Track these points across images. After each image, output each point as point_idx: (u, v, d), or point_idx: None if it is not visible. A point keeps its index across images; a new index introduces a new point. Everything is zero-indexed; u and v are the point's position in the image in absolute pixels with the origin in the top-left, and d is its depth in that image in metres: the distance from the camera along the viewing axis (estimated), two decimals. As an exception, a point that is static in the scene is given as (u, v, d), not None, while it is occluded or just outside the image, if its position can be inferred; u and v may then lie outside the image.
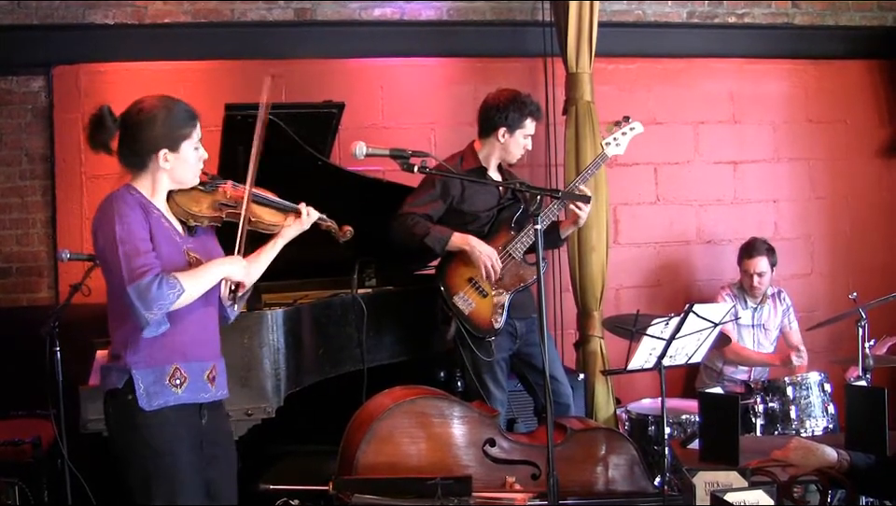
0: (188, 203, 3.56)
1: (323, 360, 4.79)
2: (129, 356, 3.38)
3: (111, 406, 3.46)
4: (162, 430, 3.40)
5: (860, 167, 7.46)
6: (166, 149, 3.43)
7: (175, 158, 3.46)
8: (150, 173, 3.47)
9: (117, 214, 3.34)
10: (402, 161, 3.87)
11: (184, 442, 3.45)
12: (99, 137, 3.42)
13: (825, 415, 5.44)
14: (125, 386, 3.38)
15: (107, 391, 3.46)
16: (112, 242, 3.30)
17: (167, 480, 3.39)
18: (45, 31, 6.31)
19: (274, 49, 6.53)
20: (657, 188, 7.15)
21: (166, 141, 3.43)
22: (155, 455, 3.39)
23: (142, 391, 3.37)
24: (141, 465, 3.40)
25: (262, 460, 5.36)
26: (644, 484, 4.49)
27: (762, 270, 6.24)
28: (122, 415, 3.42)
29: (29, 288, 6.41)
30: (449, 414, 4.32)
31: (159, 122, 3.42)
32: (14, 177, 6.39)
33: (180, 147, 3.46)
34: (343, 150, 5.96)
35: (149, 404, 3.37)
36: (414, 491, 3.98)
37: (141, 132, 3.41)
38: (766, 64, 7.32)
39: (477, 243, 4.86)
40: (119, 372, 3.40)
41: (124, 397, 3.38)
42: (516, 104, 4.96)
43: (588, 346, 6.17)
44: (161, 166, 3.44)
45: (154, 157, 3.43)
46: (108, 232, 3.32)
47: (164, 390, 3.40)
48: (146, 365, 3.38)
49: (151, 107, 3.45)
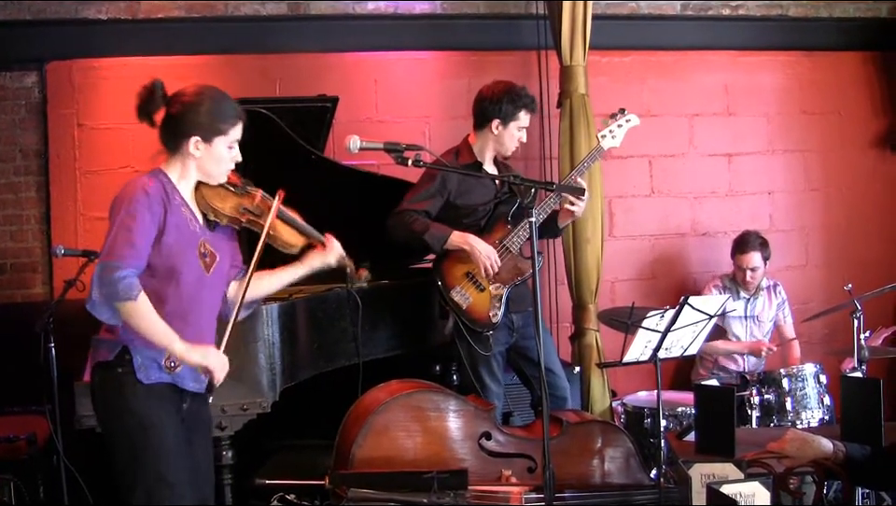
0: (213, 197, 3.60)
1: (318, 355, 4.78)
2: (124, 333, 3.40)
3: (99, 377, 3.48)
4: (149, 402, 3.42)
5: (854, 159, 7.46)
6: (199, 138, 3.49)
7: (206, 149, 3.51)
8: (181, 157, 3.52)
9: (135, 201, 3.36)
10: (396, 155, 3.86)
11: (172, 417, 3.49)
12: (145, 107, 3.46)
13: (821, 407, 5.44)
14: (116, 357, 3.41)
15: (96, 363, 3.48)
16: (122, 217, 3.34)
17: (154, 452, 3.40)
18: (38, 26, 6.30)
19: (268, 44, 6.53)
20: (652, 180, 7.15)
21: (201, 130, 3.49)
22: (142, 426, 3.40)
23: (139, 364, 3.40)
24: (128, 436, 3.41)
25: (258, 455, 5.35)
26: (640, 476, 4.49)
27: (754, 265, 6.24)
28: (111, 386, 3.44)
29: (23, 284, 6.41)
30: (445, 407, 4.31)
31: (201, 110, 3.49)
32: (8, 173, 6.38)
33: (213, 140, 3.51)
34: (337, 144, 5.96)
35: (143, 377, 3.40)
36: (411, 485, 3.98)
37: (182, 114, 3.48)
38: (760, 56, 7.31)
39: (476, 242, 4.85)
40: (112, 344, 3.43)
41: (114, 368, 3.42)
42: (510, 95, 4.95)
43: (584, 339, 6.17)
44: (191, 153, 3.50)
45: (186, 142, 3.48)
46: (116, 212, 3.37)
47: (158, 371, 3.44)
48: (141, 344, 3.40)
49: (199, 94, 3.52)
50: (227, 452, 4.36)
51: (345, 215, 5.24)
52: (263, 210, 3.65)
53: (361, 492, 3.94)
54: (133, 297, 3.28)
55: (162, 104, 3.48)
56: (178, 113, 3.48)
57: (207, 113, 3.49)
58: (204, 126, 3.49)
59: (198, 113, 3.48)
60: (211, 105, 3.51)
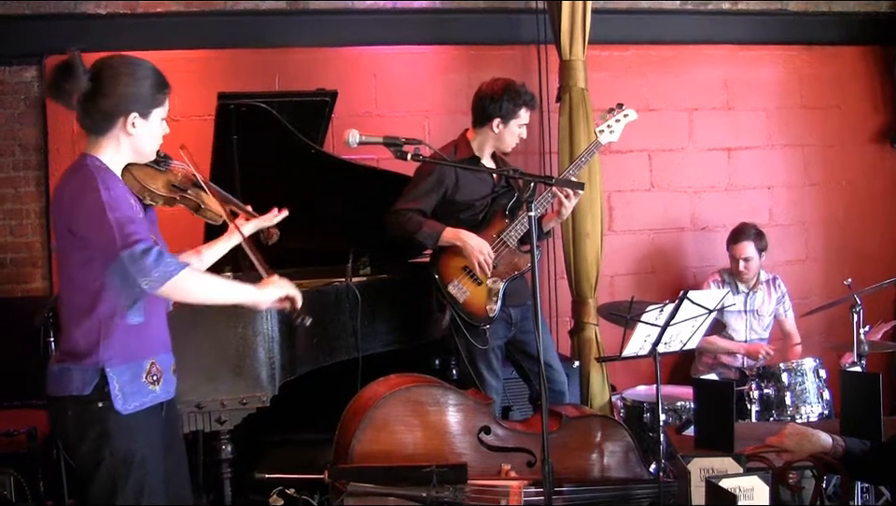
0: (145, 178, 3.39)
1: (317, 349, 4.78)
2: (102, 352, 3.12)
3: (74, 413, 3.15)
4: (133, 436, 3.18)
5: (854, 153, 7.47)
6: (137, 113, 3.17)
7: (144, 125, 3.20)
8: (113, 138, 3.19)
9: (100, 182, 3.06)
10: (395, 149, 3.85)
11: (153, 449, 3.26)
12: (64, 86, 3.11)
13: (820, 401, 5.44)
14: (94, 391, 3.12)
15: (69, 397, 3.14)
16: (99, 209, 3.02)
17: (137, 489, 3.19)
18: (37, 21, 6.28)
19: (267, 38, 6.51)
20: (651, 175, 7.14)
21: (138, 104, 3.17)
22: (125, 464, 3.17)
23: (117, 391, 3.13)
24: (109, 473, 3.17)
25: (257, 449, 5.36)
26: (639, 470, 4.50)
27: (748, 255, 6.23)
28: (89, 424, 3.14)
29: (23, 278, 6.40)
30: (444, 401, 4.31)
31: (136, 81, 3.17)
32: (7, 168, 6.37)
33: (151, 113, 3.22)
34: (336, 139, 5.96)
35: (125, 407, 3.14)
36: (410, 479, 3.98)
37: (114, 87, 3.13)
38: (760, 51, 7.31)
39: (468, 237, 4.85)
40: (85, 372, 3.12)
41: (93, 404, 3.12)
42: (510, 93, 4.95)
43: (583, 334, 6.17)
44: (127, 131, 3.18)
45: (123, 120, 3.16)
46: (91, 200, 3.03)
47: (142, 389, 3.20)
48: (122, 361, 3.15)
49: (127, 64, 3.20)
50: (226, 446, 4.37)
51: (344, 209, 5.26)
52: (187, 183, 3.51)
53: (360, 486, 3.95)
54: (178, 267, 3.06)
55: (85, 80, 3.10)
56: (109, 87, 3.12)
57: (141, 83, 3.17)
58: (142, 99, 3.17)
59: (131, 84, 3.15)
60: (144, 74, 3.20)
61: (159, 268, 3.02)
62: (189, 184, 3.55)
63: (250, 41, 6.49)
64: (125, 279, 3.05)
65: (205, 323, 4.15)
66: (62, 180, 3.19)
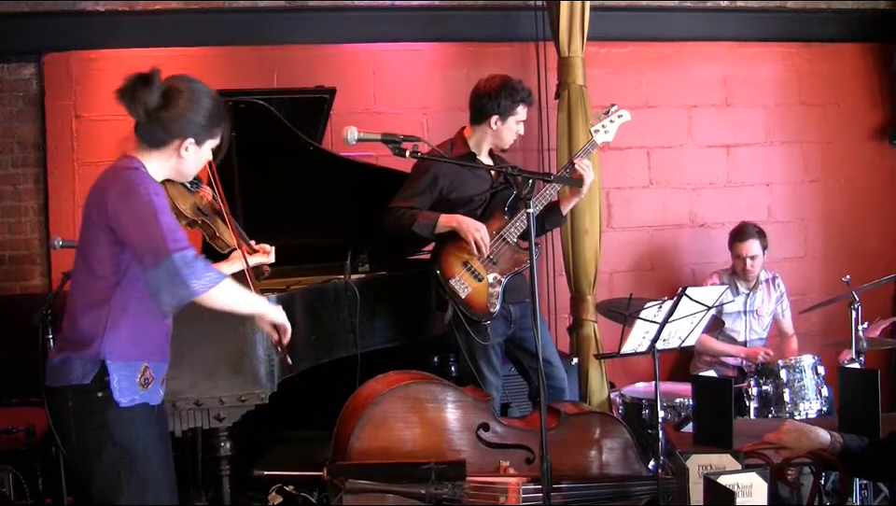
0: (177, 197, 3.50)
1: (316, 346, 4.78)
2: (105, 343, 3.18)
3: (74, 403, 3.21)
4: (133, 428, 3.23)
5: (853, 150, 7.47)
6: (193, 140, 3.27)
7: (195, 152, 3.31)
8: (163, 154, 3.28)
9: (150, 188, 3.16)
10: (394, 146, 3.85)
11: (156, 439, 3.33)
12: (138, 94, 3.15)
13: (819, 398, 5.44)
14: (94, 381, 3.18)
15: (69, 386, 3.21)
16: (150, 211, 3.10)
17: (142, 482, 3.23)
18: (36, 18, 6.29)
19: (265, 35, 6.52)
20: (650, 172, 7.15)
21: (197, 132, 3.27)
22: (128, 456, 3.22)
23: (115, 384, 3.19)
24: (113, 466, 3.21)
25: (256, 447, 5.36)
26: (638, 467, 4.50)
27: (753, 253, 6.23)
28: (89, 414, 3.20)
29: (21, 275, 6.40)
30: (443, 398, 4.31)
31: (201, 109, 3.26)
32: (6, 165, 6.37)
33: (205, 143, 3.33)
34: (335, 136, 5.95)
35: (121, 399, 3.20)
36: (409, 476, 3.98)
37: (183, 110, 3.22)
38: (759, 47, 7.32)
39: (464, 218, 4.85)
40: (86, 362, 3.19)
41: (92, 394, 3.19)
42: (507, 90, 4.94)
43: (582, 330, 6.17)
44: (179, 154, 3.28)
45: (179, 142, 3.26)
46: (143, 203, 3.11)
47: (133, 387, 3.24)
48: (119, 357, 3.21)
49: (199, 92, 3.28)
50: (225, 443, 4.37)
51: (343, 206, 5.26)
52: (209, 210, 3.61)
53: (359, 483, 3.95)
54: (221, 277, 3.17)
55: (157, 94, 3.17)
56: (177, 108, 3.20)
57: (206, 113, 3.27)
58: (202, 127, 3.27)
59: (197, 112, 3.24)
60: (210, 105, 3.28)
61: (208, 273, 3.13)
62: (211, 211, 3.65)
63: (249, 38, 6.49)
64: (172, 280, 3.08)
65: (205, 320, 4.14)
66: (105, 177, 3.25)
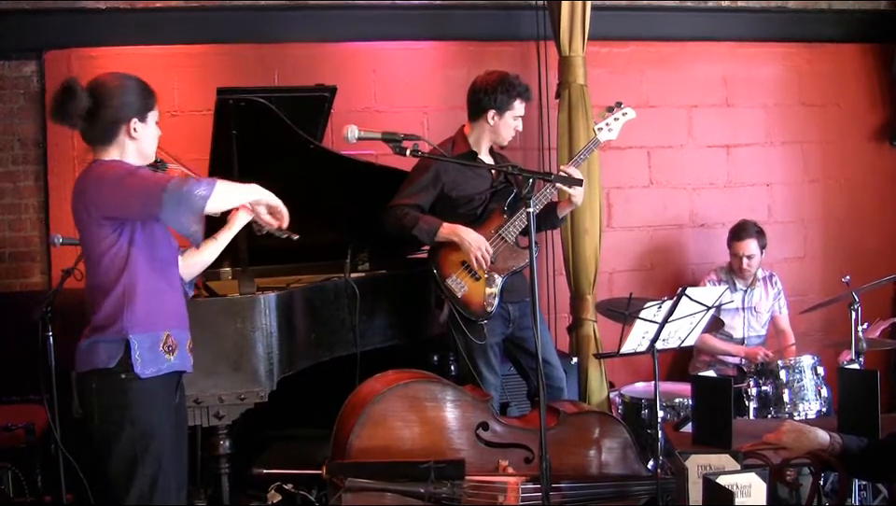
0: None
1: (316, 344, 4.78)
2: (126, 319, 3.39)
3: (97, 384, 3.44)
4: (151, 407, 3.44)
5: (853, 151, 7.47)
6: (136, 118, 3.51)
7: (143, 128, 3.53)
8: (118, 145, 3.52)
9: (117, 163, 3.45)
10: (394, 145, 3.85)
11: (170, 418, 3.55)
12: (68, 108, 3.39)
13: (818, 399, 5.44)
14: (118, 364, 3.39)
15: (95, 370, 3.43)
16: (125, 174, 3.38)
17: (154, 459, 3.44)
18: (37, 15, 6.27)
19: (266, 33, 6.51)
20: (650, 171, 7.15)
21: (135, 110, 3.50)
22: (144, 435, 3.42)
23: (137, 357, 3.39)
24: (130, 443, 3.41)
25: (255, 445, 5.36)
26: (637, 467, 4.51)
27: (751, 252, 6.23)
28: (112, 394, 3.42)
29: (21, 273, 6.40)
30: (442, 397, 4.32)
31: (129, 92, 3.50)
32: (6, 162, 6.36)
33: (147, 116, 3.55)
34: (335, 134, 5.94)
35: (143, 371, 3.40)
36: (408, 475, 3.99)
37: (112, 99, 3.46)
38: (760, 48, 7.31)
39: (465, 232, 4.84)
40: (111, 344, 3.41)
41: (116, 376, 3.40)
42: (504, 85, 4.94)
43: (581, 330, 6.17)
44: (131, 136, 3.51)
45: (125, 126, 3.49)
46: (115, 174, 3.39)
47: (158, 357, 3.45)
48: (142, 330, 3.42)
49: (118, 78, 3.53)
50: (224, 441, 4.37)
51: (343, 205, 5.25)
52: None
53: (358, 482, 3.96)
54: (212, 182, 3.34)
55: (86, 99, 3.42)
56: (107, 101, 3.45)
57: (133, 92, 3.51)
58: (137, 106, 3.51)
59: (126, 94, 3.49)
60: (134, 85, 3.53)
61: (201, 183, 3.32)
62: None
63: (249, 36, 6.48)
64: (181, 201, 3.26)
65: (204, 318, 4.15)
66: (79, 181, 3.51)
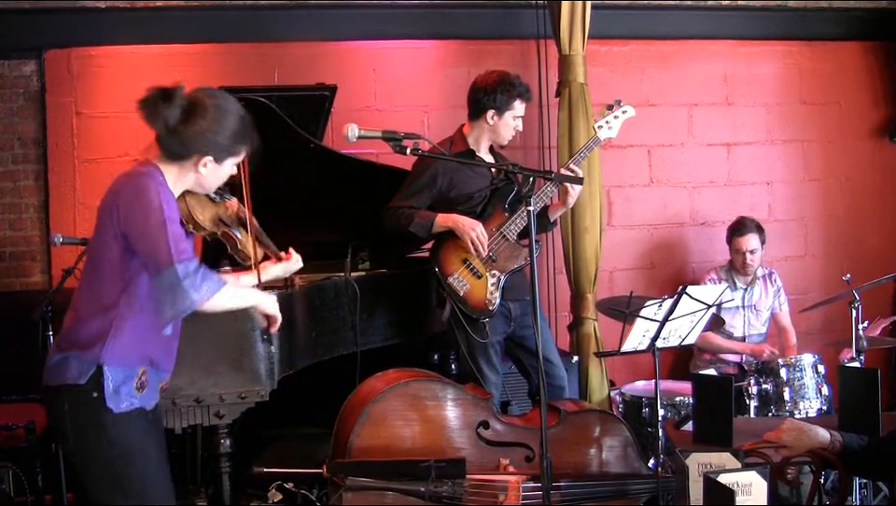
0: (196, 207, 3.46)
1: (316, 343, 4.78)
2: (106, 349, 3.20)
3: (69, 403, 3.23)
4: (128, 429, 3.26)
5: (853, 149, 7.47)
6: (212, 158, 3.28)
7: (214, 169, 3.32)
8: (182, 167, 3.29)
9: (161, 194, 3.15)
10: (394, 144, 3.85)
11: (152, 439, 3.37)
12: (159, 108, 3.14)
13: (819, 397, 5.44)
14: (89, 382, 3.19)
15: (64, 386, 3.22)
16: (158, 221, 3.11)
17: (140, 481, 3.26)
18: (37, 15, 6.28)
19: (266, 32, 6.52)
20: (651, 170, 7.15)
21: (216, 150, 3.28)
22: (125, 456, 3.25)
23: (110, 390, 3.20)
24: (111, 466, 3.24)
25: (256, 444, 5.36)
26: (638, 465, 4.50)
27: (752, 247, 6.23)
28: (85, 413, 3.22)
29: (22, 272, 6.41)
30: (442, 396, 4.31)
31: (224, 129, 3.27)
32: (6, 162, 6.37)
33: (225, 161, 3.34)
34: (335, 133, 5.95)
35: (117, 406, 3.21)
36: (408, 473, 3.98)
37: (202, 129, 3.22)
38: (760, 46, 7.31)
39: (460, 218, 4.84)
40: (83, 363, 3.20)
41: (87, 394, 3.20)
42: (504, 85, 4.93)
43: (582, 328, 6.17)
44: (198, 169, 3.29)
45: (197, 157, 3.26)
46: (153, 212, 3.12)
47: (130, 392, 3.26)
48: (118, 363, 3.23)
49: (220, 109, 3.26)
50: (225, 440, 4.36)
51: (343, 204, 5.25)
52: (233, 221, 3.59)
53: (359, 481, 3.95)
54: (223, 281, 3.25)
55: (177, 110, 3.17)
56: (196, 125, 3.20)
57: (226, 131, 3.26)
58: (221, 147, 3.27)
59: (219, 134, 3.24)
60: (235, 127, 3.28)
61: (207, 283, 3.18)
62: (235, 222, 3.62)
63: (249, 35, 6.49)
64: (172, 291, 3.13)
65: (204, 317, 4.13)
66: (120, 181, 3.25)
